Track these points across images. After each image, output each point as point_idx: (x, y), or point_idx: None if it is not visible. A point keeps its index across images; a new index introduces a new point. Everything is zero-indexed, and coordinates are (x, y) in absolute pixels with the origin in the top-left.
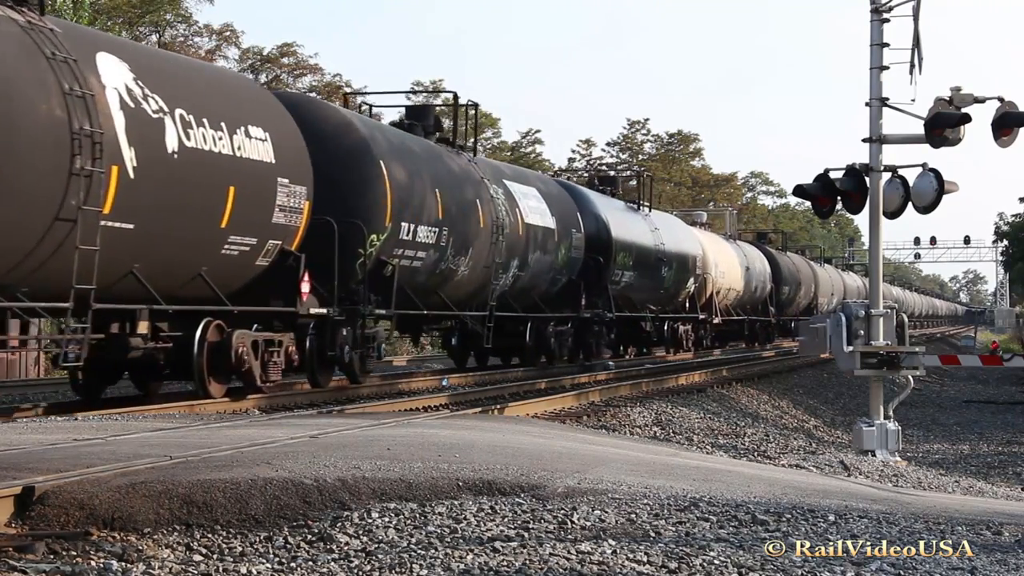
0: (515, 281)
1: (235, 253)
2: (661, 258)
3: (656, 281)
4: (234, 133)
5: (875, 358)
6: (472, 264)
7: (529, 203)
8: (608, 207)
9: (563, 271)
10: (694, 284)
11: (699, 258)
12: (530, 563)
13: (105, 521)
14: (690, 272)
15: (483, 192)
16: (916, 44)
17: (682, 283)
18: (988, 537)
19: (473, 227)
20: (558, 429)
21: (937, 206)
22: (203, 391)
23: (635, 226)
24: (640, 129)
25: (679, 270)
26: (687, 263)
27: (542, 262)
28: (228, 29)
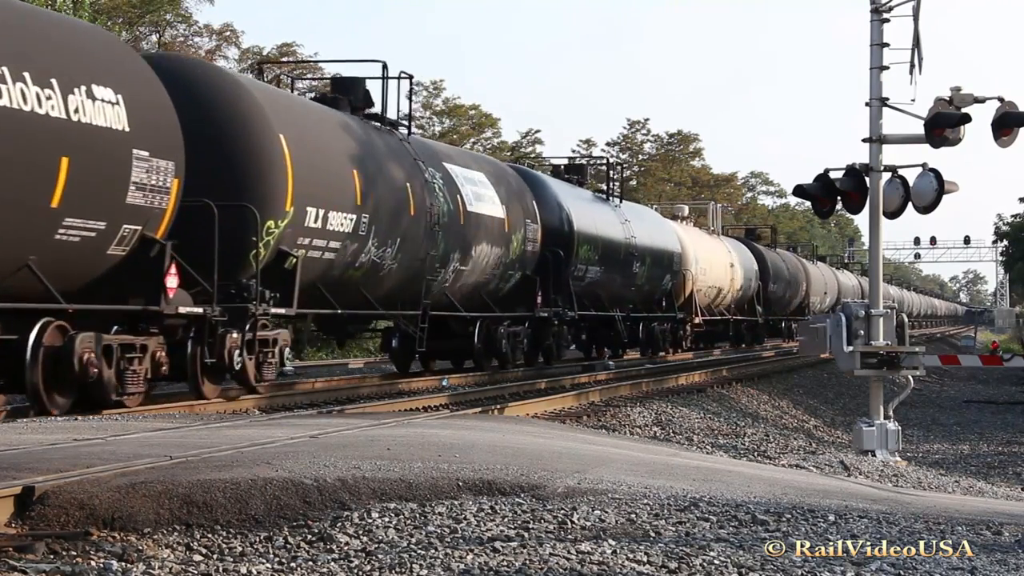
0: (457, 277)
1: (75, 239)
2: (632, 252)
3: (627, 277)
4: (70, 93)
5: (875, 358)
6: (402, 257)
7: (474, 189)
8: (571, 196)
9: (516, 265)
10: (671, 281)
11: (677, 254)
12: (530, 563)
13: (105, 521)
14: (667, 268)
15: (416, 175)
16: (916, 44)
17: (658, 280)
18: (988, 537)
19: (403, 214)
20: (558, 429)
21: (937, 206)
22: (36, 406)
23: (602, 217)
24: (640, 129)
25: (654, 266)
26: (663, 259)
27: (490, 255)
28: (228, 29)
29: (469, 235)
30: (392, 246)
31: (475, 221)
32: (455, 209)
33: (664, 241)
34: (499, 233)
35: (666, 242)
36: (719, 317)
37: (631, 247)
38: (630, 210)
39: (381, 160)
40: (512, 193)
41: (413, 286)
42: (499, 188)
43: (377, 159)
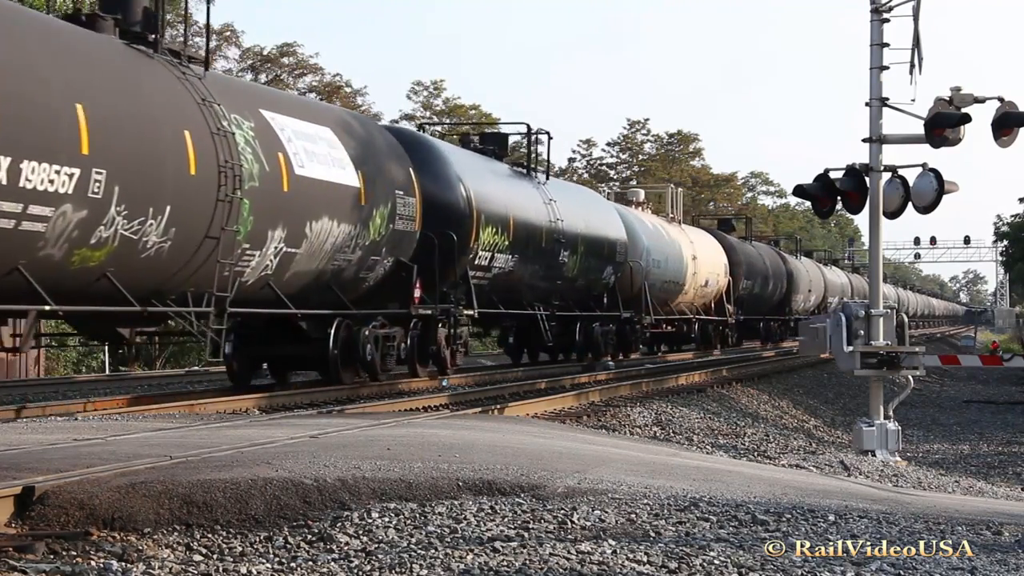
0: (285, 262)
1: None
2: (558, 239)
3: (551, 269)
4: None
5: (875, 358)
6: (177, 232)
7: (307, 146)
8: (475, 167)
9: (381, 249)
10: (614, 275)
11: (622, 243)
12: (530, 563)
13: (105, 521)
14: (608, 259)
15: (201, 121)
16: (916, 44)
17: (596, 273)
18: (988, 537)
19: (170, 172)
20: (558, 429)
21: (937, 206)
22: None
23: (519, 195)
24: (640, 129)
25: (590, 256)
26: (602, 248)
27: (337, 235)
28: (228, 29)
29: (299, 207)
30: (158, 217)
31: (309, 189)
32: (274, 171)
33: (604, 227)
34: (351, 206)
35: (607, 228)
36: (678, 316)
37: (556, 232)
38: (559, 189)
39: (132, 94)
40: (375, 157)
41: (198, 273)
42: (352, 149)
43: (126, 93)
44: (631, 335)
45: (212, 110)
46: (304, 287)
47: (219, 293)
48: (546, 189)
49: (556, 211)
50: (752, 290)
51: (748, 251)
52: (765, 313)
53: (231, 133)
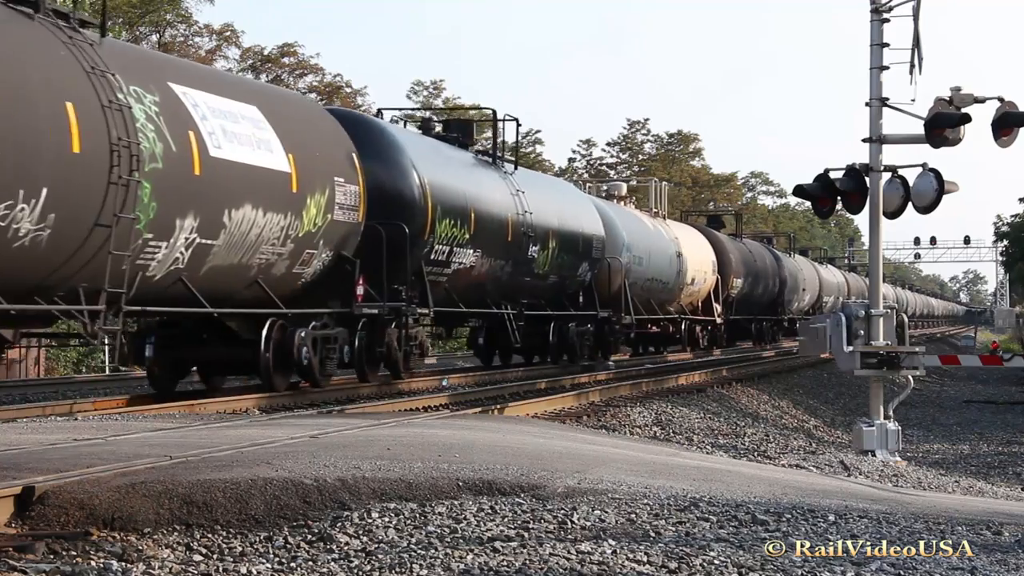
0: (200, 255)
1: None
2: (527, 233)
3: (520, 265)
4: None
5: (875, 358)
6: (57, 219)
7: (227, 125)
8: (433, 155)
9: (318, 242)
10: (590, 272)
11: (599, 238)
12: (530, 563)
13: (105, 521)
14: (583, 255)
15: (89, 92)
16: (916, 44)
17: (570, 269)
18: (988, 537)
19: (47, 149)
20: (558, 429)
21: (937, 206)
22: None
23: (483, 186)
24: (640, 129)
25: (563, 251)
26: (577, 243)
27: (263, 226)
28: (228, 29)
29: (215, 193)
30: (31, 201)
31: (227, 173)
32: (182, 151)
33: (580, 221)
34: (280, 194)
35: (583, 222)
36: (663, 316)
37: (524, 225)
38: (528, 180)
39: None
40: (310, 139)
41: (95, 267)
42: (283, 130)
43: None
44: (610, 336)
45: (105, 80)
46: (226, 283)
47: (113, 289)
48: (514, 179)
49: (524, 203)
50: (743, 289)
51: (738, 249)
52: (757, 313)
53: (127, 107)
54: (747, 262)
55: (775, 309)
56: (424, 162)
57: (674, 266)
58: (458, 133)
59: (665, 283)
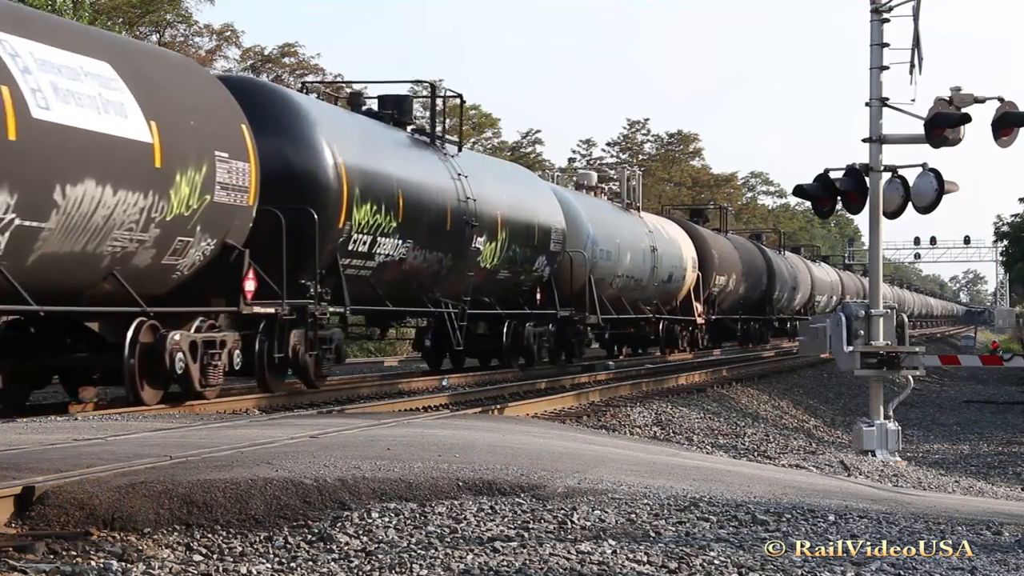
0: (21, 242)
1: None
2: (470, 222)
3: (461, 258)
4: None
5: (875, 358)
6: None
7: (61, 82)
8: (352, 130)
9: (193, 229)
10: (549, 267)
11: (560, 230)
12: (530, 563)
13: (105, 521)
14: (541, 249)
15: None
16: (916, 44)
17: (525, 264)
18: (988, 537)
19: None
20: (558, 429)
21: (937, 206)
22: None
23: (414, 168)
24: (640, 129)
25: (515, 244)
26: (533, 235)
27: (115, 207)
28: (228, 29)
29: (40, 164)
30: None
31: (58, 140)
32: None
33: (535, 210)
34: (138, 168)
35: (539, 212)
36: (635, 316)
37: (468, 214)
38: (474, 163)
39: None
40: (182, 105)
41: None
42: (143, 91)
43: None
44: (572, 336)
45: None
46: (68, 276)
47: None
48: (456, 162)
49: (468, 188)
50: (727, 287)
51: (723, 244)
52: (744, 312)
53: None
54: (732, 259)
55: (763, 308)
56: (342, 139)
57: (648, 262)
58: (393, 110)
59: (638, 280)
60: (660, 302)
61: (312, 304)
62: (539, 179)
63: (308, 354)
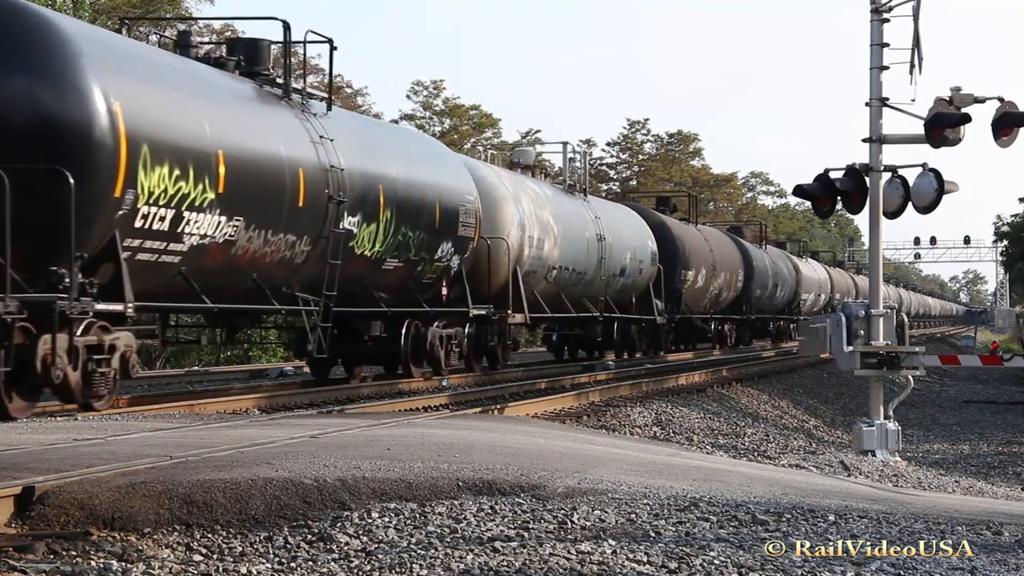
0: None
1: None
2: (338, 197)
3: (330, 242)
4: None
5: (875, 358)
6: None
7: None
8: (145, 70)
9: None
10: (457, 255)
11: (471, 209)
12: (530, 563)
13: (105, 521)
14: (443, 232)
15: None
16: (916, 44)
17: (423, 251)
18: (988, 537)
19: None
20: (558, 429)
21: (937, 206)
22: None
23: (253, 124)
24: (640, 129)
25: (406, 225)
26: (431, 214)
27: None
28: (228, 29)
29: None
30: None
31: None
32: None
33: (436, 186)
34: None
35: (444, 189)
36: (576, 314)
37: (332, 186)
38: (346, 124)
39: None
40: None
41: None
42: None
43: None
44: (489, 339)
45: None
46: None
47: None
48: (320, 123)
49: (333, 155)
50: (696, 283)
51: (691, 236)
52: (717, 311)
53: None
54: (702, 252)
55: (740, 307)
56: (125, 81)
57: (594, 252)
58: (241, 56)
59: (581, 273)
60: (612, 299)
61: (64, 299)
62: (446, 150)
63: (73, 364)
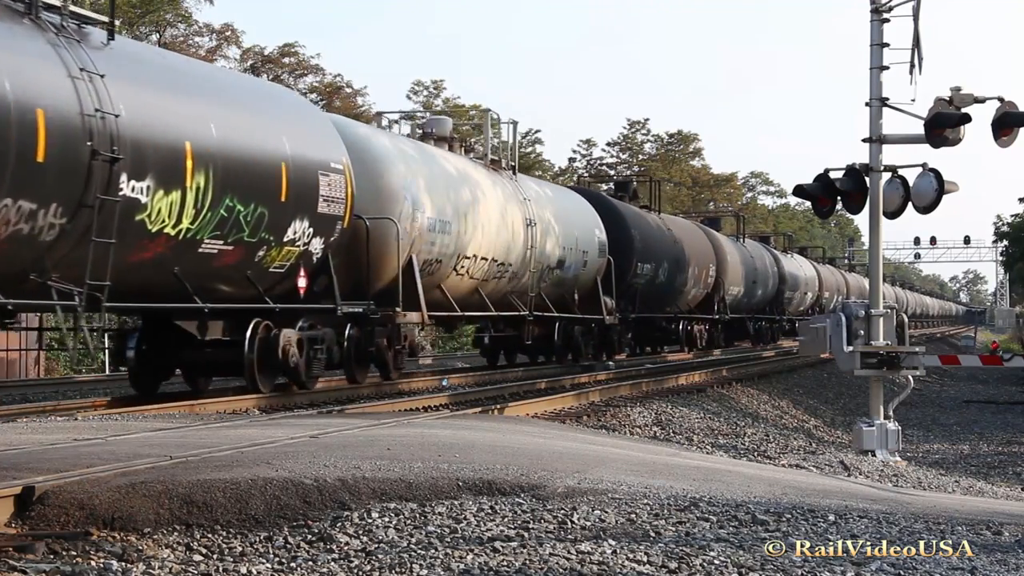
0: None
1: None
2: (112, 153)
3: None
4: None
5: (875, 358)
6: None
7: None
8: None
9: None
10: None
11: (338, 181)
12: (530, 563)
13: (105, 521)
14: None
15: None
16: (916, 44)
17: (257, 230)
18: (988, 537)
19: None
20: (558, 429)
21: (937, 206)
22: None
23: None
24: (640, 129)
25: (230, 193)
26: (275, 183)
27: None
28: (228, 29)
29: None
30: None
31: None
32: None
33: (280, 146)
34: None
35: (296, 151)
36: (496, 313)
37: (101, 137)
38: (140, 59)
39: None
40: None
41: None
42: None
43: None
44: (368, 344)
45: None
46: None
47: None
48: (87, 53)
49: (104, 95)
50: (658, 278)
51: (652, 225)
52: (684, 310)
53: None
54: (664, 243)
55: (711, 305)
56: None
57: (521, 241)
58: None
59: (504, 265)
60: (548, 296)
61: None
62: (306, 104)
63: None
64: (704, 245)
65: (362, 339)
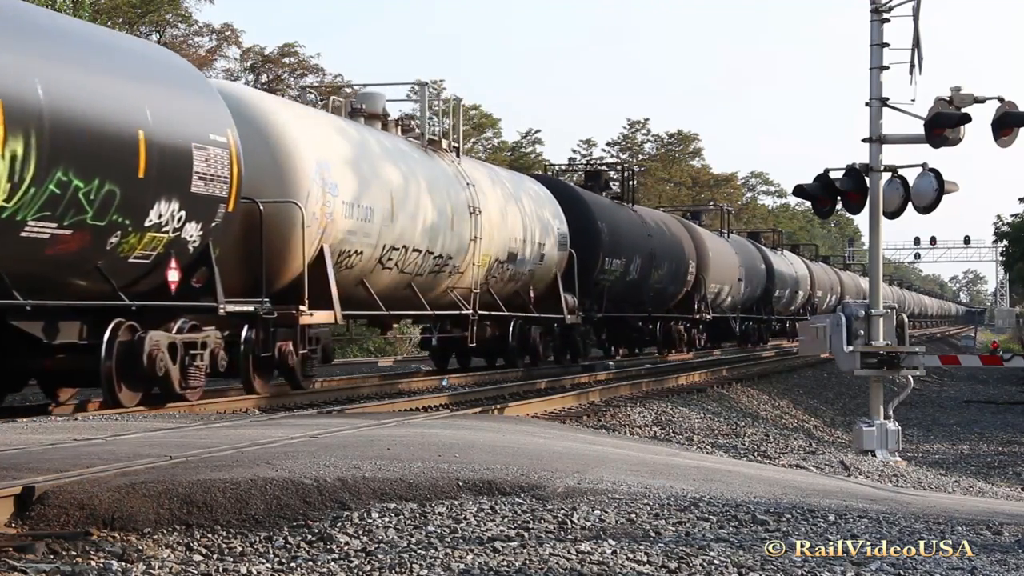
0: None
1: None
2: None
3: None
4: None
5: (875, 358)
6: None
7: None
8: None
9: None
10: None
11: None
12: (530, 563)
13: (105, 521)
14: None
15: None
16: (916, 44)
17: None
18: (988, 537)
19: None
20: (558, 429)
21: (937, 206)
22: None
23: None
24: (640, 129)
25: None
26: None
27: None
28: (228, 29)
29: None
30: None
31: None
32: None
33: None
34: None
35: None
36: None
37: None
38: None
39: None
40: None
41: None
42: None
43: None
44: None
45: None
46: None
47: None
48: None
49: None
50: (628, 274)
51: (621, 217)
52: (658, 309)
53: None
54: (636, 237)
55: (690, 304)
56: None
57: (463, 231)
58: None
59: (443, 258)
60: (496, 293)
61: None
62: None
63: None
64: (683, 240)
65: (263, 343)
